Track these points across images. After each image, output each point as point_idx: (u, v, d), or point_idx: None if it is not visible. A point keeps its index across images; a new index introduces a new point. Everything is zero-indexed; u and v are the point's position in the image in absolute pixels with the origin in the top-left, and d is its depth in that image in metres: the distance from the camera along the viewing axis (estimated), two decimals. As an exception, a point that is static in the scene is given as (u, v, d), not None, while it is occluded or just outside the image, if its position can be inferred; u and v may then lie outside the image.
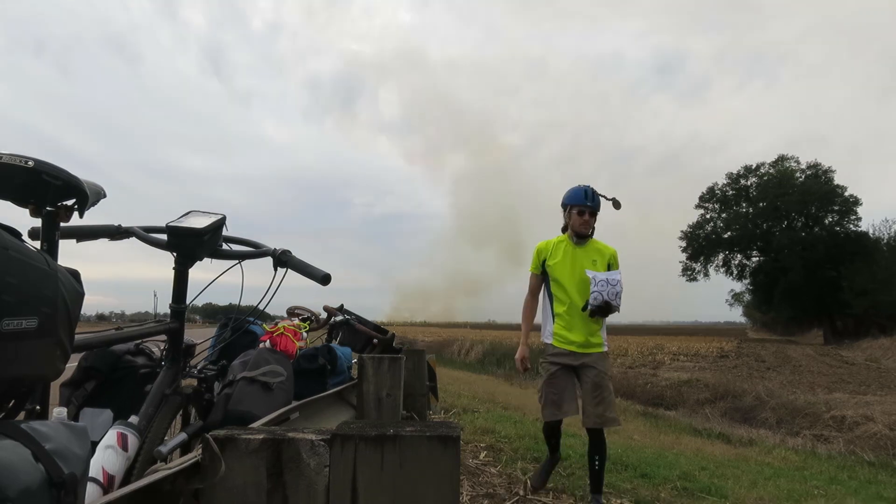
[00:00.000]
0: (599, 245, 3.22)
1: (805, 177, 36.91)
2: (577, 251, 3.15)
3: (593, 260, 3.13)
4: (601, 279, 2.99)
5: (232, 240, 1.62)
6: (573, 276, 3.11)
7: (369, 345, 2.72)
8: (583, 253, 3.15)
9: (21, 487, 0.56)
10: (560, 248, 3.20)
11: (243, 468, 0.84)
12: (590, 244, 3.18)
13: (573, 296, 3.09)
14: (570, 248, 3.16)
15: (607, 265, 3.17)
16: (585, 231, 3.13)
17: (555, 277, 3.17)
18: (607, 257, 3.18)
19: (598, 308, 2.99)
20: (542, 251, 3.25)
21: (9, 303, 0.64)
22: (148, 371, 1.46)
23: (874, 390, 13.09)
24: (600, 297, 2.97)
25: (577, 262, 3.13)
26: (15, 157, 0.93)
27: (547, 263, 3.21)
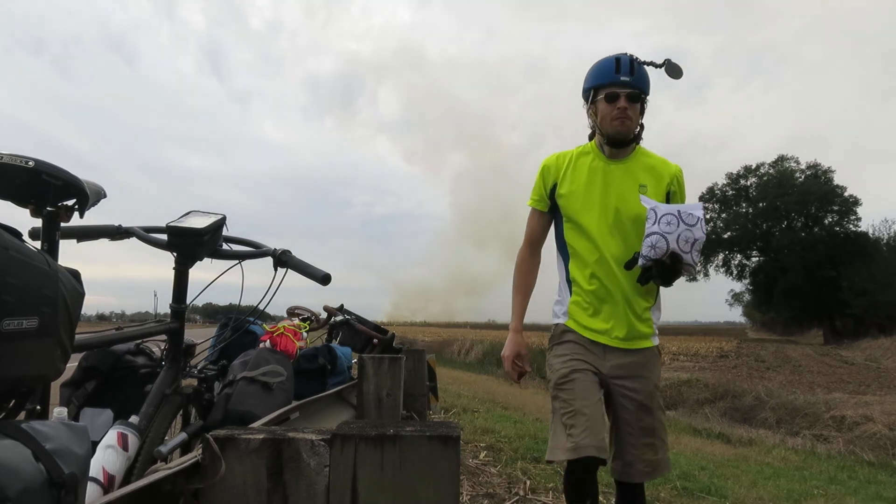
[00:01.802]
0: (653, 159, 1.87)
1: (805, 177, 36.93)
2: (613, 169, 1.81)
3: (642, 184, 1.80)
4: (668, 212, 1.67)
5: (232, 240, 1.62)
6: (605, 213, 1.79)
7: (369, 345, 2.72)
8: (623, 172, 1.81)
9: (21, 487, 0.56)
10: (582, 165, 1.85)
11: (243, 468, 0.84)
12: (635, 157, 1.85)
13: (606, 247, 1.78)
14: (601, 164, 1.83)
15: (666, 194, 1.83)
16: (626, 130, 1.77)
17: (572, 217, 1.83)
18: (667, 181, 1.83)
19: (657, 266, 1.68)
20: (551, 170, 1.89)
21: (9, 303, 0.64)
22: (148, 371, 1.46)
23: (874, 390, 13.09)
24: (664, 245, 1.64)
25: (614, 187, 1.80)
26: (15, 157, 0.93)
27: (559, 192, 1.86)
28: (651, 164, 1.85)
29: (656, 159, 1.88)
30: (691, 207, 1.69)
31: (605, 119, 1.77)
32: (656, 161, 1.87)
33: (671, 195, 1.85)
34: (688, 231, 1.64)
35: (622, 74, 1.75)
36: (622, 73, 1.75)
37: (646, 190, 1.79)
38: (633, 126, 1.78)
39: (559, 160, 1.89)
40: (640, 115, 1.81)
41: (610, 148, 1.82)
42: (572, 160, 1.87)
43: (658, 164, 1.86)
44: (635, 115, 1.78)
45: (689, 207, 1.69)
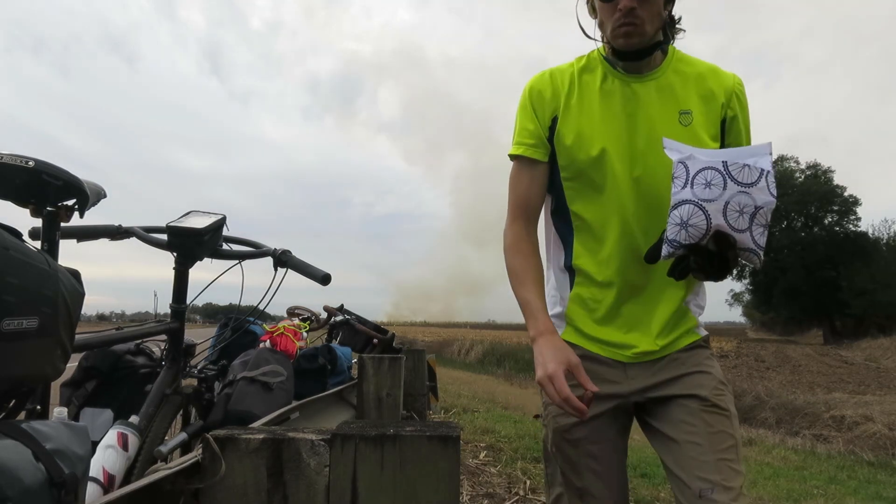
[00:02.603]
0: (697, 67, 1.23)
1: (804, 177, 36.96)
2: (637, 90, 1.20)
3: (684, 110, 1.19)
4: (708, 164, 1.02)
5: (232, 240, 1.62)
6: (632, 162, 1.18)
7: (369, 345, 2.72)
8: (653, 94, 1.20)
9: (21, 487, 0.56)
10: (589, 87, 1.24)
11: (243, 468, 0.85)
12: (669, 67, 1.22)
13: (633, 216, 1.19)
14: (617, 84, 1.21)
15: (721, 124, 1.21)
16: (637, 43, 1.16)
17: (582, 170, 1.21)
18: (722, 100, 1.20)
19: (695, 254, 1.04)
20: (546, 95, 1.25)
21: (9, 303, 0.64)
22: (148, 371, 1.46)
23: (873, 390, 13.10)
24: (702, 221, 1.00)
25: (641, 119, 1.19)
26: (15, 157, 0.93)
27: (560, 132, 1.22)
28: (696, 76, 1.19)
29: (703, 67, 1.21)
30: (750, 152, 1.01)
31: (606, 27, 1.16)
32: (703, 69, 1.20)
33: (729, 124, 1.19)
34: (743, 194, 0.96)
35: None
36: None
37: (690, 119, 1.15)
38: (648, 32, 1.12)
39: (555, 80, 1.23)
40: (668, 3, 1.16)
41: (624, 60, 1.18)
42: (574, 80, 1.22)
43: (706, 73, 1.19)
44: (651, 13, 1.11)
45: (744, 153, 1.01)
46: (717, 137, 1.20)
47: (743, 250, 1.02)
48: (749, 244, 1.01)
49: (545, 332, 1.12)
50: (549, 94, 1.24)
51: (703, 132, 1.18)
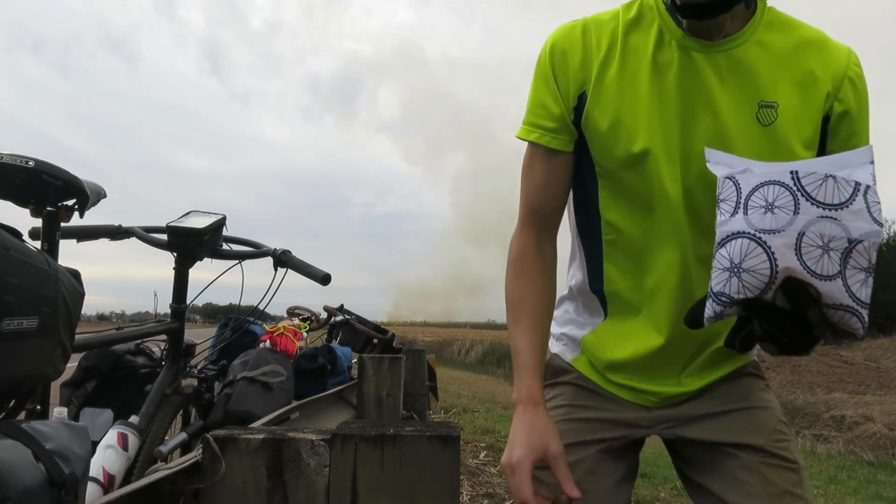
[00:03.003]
0: (800, 34, 0.83)
1: (804, 177, 37.01)
2: (703, 66, 0.81)
3: (765, 102, 0.80)
4: (769, 177, 0.67)
5: (232, 240, 1.62)
6: (687, 165, 0.83)
7: (369, 345, 2.72)
8: (726, 73, 0.81)
9: (22, 487, 0.56)
10: (638, 54, 0.85)
11: (243, 468, 0.85)
12: (753, 34, 0.82)
13: (689, 235, 0.85)
14: (677, 55, 0.82)
15: (823, 121, 0.81)
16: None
17: (619, 168, 0.86)
18: (827, 89, 0.80)
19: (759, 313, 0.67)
20: (575, 59, 0.87)
21: (9, 303, 0.64)
22: (148, 371, 1.47)
23: (873, 390, 13.11)
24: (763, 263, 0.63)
25: (705, 106, 0.82)
26: (15, 157, 0.93)
27: (589, 114, 0.86)
28: (790, 49, 0.82)
29: (804, 35, 0.83)
30: (837, 162, 0.70)
31: None
32: (803, 39, 0.83)
33: (835, 125, 0.82)
34: (827, 220, 0.64)
35: None
36: None
37: (773, 115, 0.80)
38: None
39: (588, 37, 0.87)
40: None
41: (690, 17, 0.79)
42: (616, 40, 0.86)
43: (807, 45, 0.82)
44: None
45: (829, 162, 0.70)
46: (812, 144, 0.80)
47: (833, 307, 0.63)
48: (842, 298, 0.62)
49: (528, 401, 0.85)
50: (578, 60, 0.87)
51: (793, 136, 0.79)
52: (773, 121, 0.81)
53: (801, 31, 0.85)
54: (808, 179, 0.65)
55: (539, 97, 0.91)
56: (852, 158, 0.70)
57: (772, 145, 0.81)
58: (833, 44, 0.84)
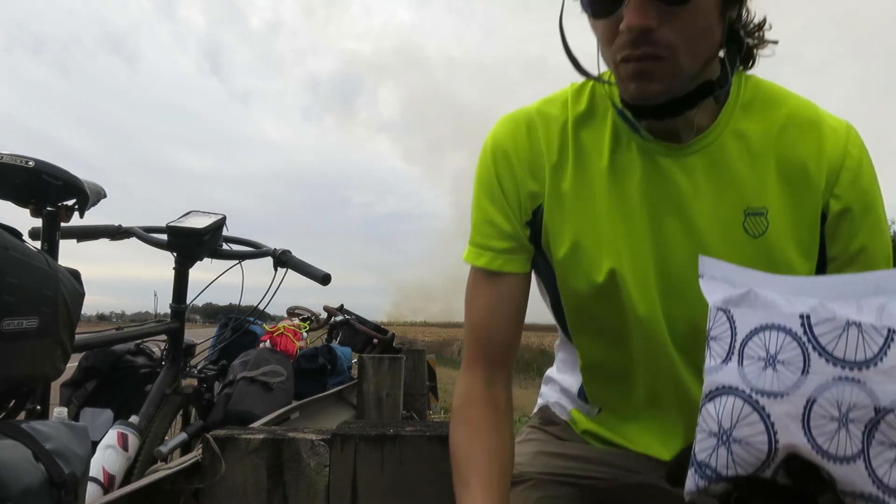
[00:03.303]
0: (783, 113, 0.67)
1: (804, 177, 37.05)
2: (670, 170, 0.67)
3: (752, 209, 0.66)
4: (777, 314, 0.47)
5: (232, 240, 1.62)
6: (665, 287, 0.70)
7: (369, 345, 2.72)
8: (698, 180, 0.67)
9: (22, 487, 0.56)
10: (592, 152, 0.71)
11: (243, 468, 0.85)
12: (729, 127, 0.67)
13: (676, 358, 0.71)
14: (635, 154, 0.69)
15: (820, 220, 0.66)
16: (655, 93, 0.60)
17: (575, 294, 0.74)
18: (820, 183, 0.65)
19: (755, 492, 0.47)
20: (517, 167, 0.73)
21: (9, 303, 0.64)
22: (148, 371, 1.47)
23: (873, 390, 13.14)
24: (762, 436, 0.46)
25: (676, 221, 0.68)
26: (15, 157, 0.93)
27: (545, 228, 0.73)
28: (775, 136, 0.67)
29: (788, 114, 0.68)
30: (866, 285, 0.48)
31: (608, 58, 0.65)
32: (788, 120, 0.68)
33: (833, 225, 0.67)
34: (847, 383, 0.45)
35: None
36: None
37: (764, 224, 0.67)
38: (683, 69, 0.60)
39: (536, 137, 0.74)
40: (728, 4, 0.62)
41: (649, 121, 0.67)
42: (567, 139, 0.73)
43: (794, 128, 0.68)
44: (687, 33, 0.58)
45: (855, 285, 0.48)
46: (811, 252, 0.67)
47: (851, 495, 0.48)
48: (862, 485, 0.47)
49: None
50: (526, 166, 0.73)
51: (788, 246, 0.66)
52: (765, 230, 0.66)
53: (787, 110, 0.68)
54: (822, 328, 0.47)
55: (484, 212, 0.75)
56: (886, 281, 0.48)
57: (764, 259, 0.65)
58: (827, 123, 0.67)
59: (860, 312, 0.45)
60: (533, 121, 0.74)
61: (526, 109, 0.76)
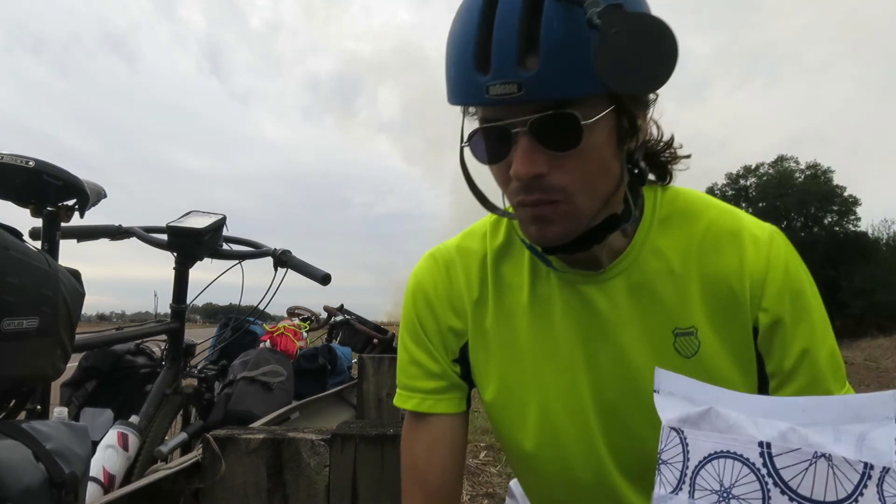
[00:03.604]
0: (702, 226, 0.64)
1: (804, 177, 36.99)
2: (592, 297, 0.66)
3: (680, 329, 0.63)
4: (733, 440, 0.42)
5: (232, 240, 1.62)
6: (601, 426, 0.67)
7: (369, 345, 2.72)
8: (621, 304, 0.65)
9: (22, 487, 0.56)
10: (512, 286, 0.70)
11: (243, 468, 0.85)
12: (646, 246, 0.65)
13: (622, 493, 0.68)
14: (554, 284, 0.68)
15: (752, 333, 0.62)
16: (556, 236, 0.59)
17: (505, 436, 0.73)
18: (745, 298, 0.62)
19: None
20: (439, 307, 0.73)
21: (10, 303, 0.64)
22: (148, 371, 1.47)
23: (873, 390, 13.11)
24: None
25: (604, 349, 0.66)
26: (16, 157, 0.93)
27: (473, 367, 0.73)
28: (696, 252, 0.65)
29: (707, 227, 0.65)
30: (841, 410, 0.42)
31: (511, 205, 0.62)
32: (707, 233, 0.65)
33: (766, 339, 0.62)
34: None
35: (495, 76, 0.52)
36: (495, 72, 0.52)
37: (695, 344, 0.64)
38: (581, 211, 0.58)
39: (455, 274, 0.74)
40: (625, 137, 0.59)
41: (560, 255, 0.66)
42: (487, 274, 0.72)
43: (714, 242, 0.64)
44: (583, 175, 0.56)
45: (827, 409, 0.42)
46: (749, 368, 0.64)
47: None
48: None
49: None
50: (447, 305, 0.73)
51: (724, 364, 0.63)
52: (697, 350, 0.63)
53: (705, 222, 0.65)
54: (785, 460, 0.41)
55: (410, 353, 0.74)
56: (867, 408, 0.42)
57: (702, 379, 0.54)
58: (748, 233, 0.64)
59: (837, 442, 0.40)
60: (452, 258, 0.74)
61: (446, 246, 0.76)
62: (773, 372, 0.63)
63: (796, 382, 0.61)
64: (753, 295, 0.62)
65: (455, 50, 0.56)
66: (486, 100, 0.53)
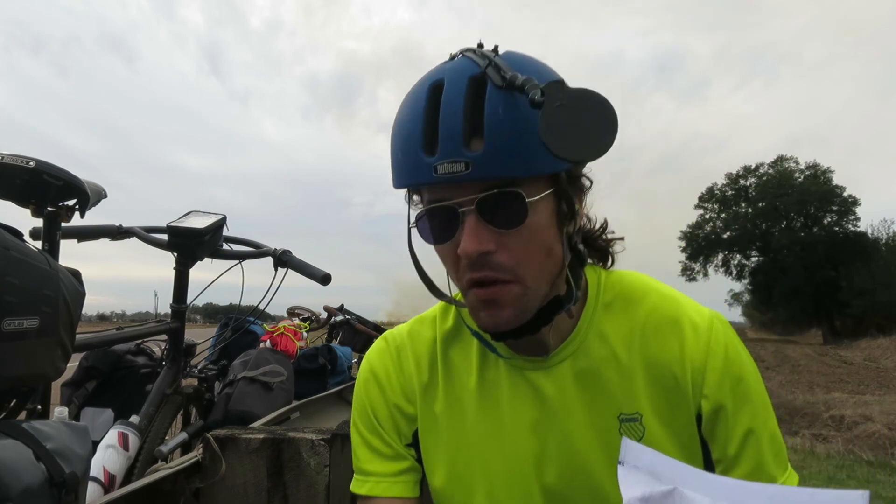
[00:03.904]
0: (645, 310, 0.66)
1: (804, 177, 36.99)
2: (538, 383, 0.67)
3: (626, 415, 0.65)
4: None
5: (232, 240, 1.62)
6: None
7: (369, 345, 2.72)
8: (568, 390, 0.66)
9: (22, 487, 0.56)
10: (460, 372, 0.72)
11: (244, 468, 0.85)
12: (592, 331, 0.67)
13: None
14: (502, 370, 0.69)
15: (696, 420, 0.64)
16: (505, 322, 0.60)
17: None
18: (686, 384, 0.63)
19: None
20: (391, 394, 0.74)
21: (10, 303, 0.64)
22: (149, 371, 1.47)
23: (872, 390, 13.11)
24: None
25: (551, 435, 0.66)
26: (16, 157, 0.93)
27: (424, 454, 0.73)
28: (640, 337, 0.66)
29: (650, 311, 0.67)
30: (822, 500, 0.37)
31: (459, 289, 0.64)
32: (651, 319, 0.66)
33: (709, 425, 0.64)
34: None
35: (442, 155, 0.55)
36: (442, 152, 0.55)
37: (640, 430, 0.65)
38: (531, 292, 0.60)
39: (405, 360, 0.75)
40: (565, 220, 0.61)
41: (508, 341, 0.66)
42: (437, 359, 0.73)
43: (656, 328, 0.66)
44: (529, 254, 0.59)
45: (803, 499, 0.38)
46: (696, 456, 0.65)
47: None
48: None
49: None
50: (398, 391, 0.73)
51: (671, 450, 0.64)
52: (642, 435, 0.64)
53: (646, 308, 0.66)
54: None
55: (363, 438, 0.73)
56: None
57: None
58: (687, 320, 0.64)
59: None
60: (403, 343, 0.75)
61: (399, 330, 0.77)
62: (719, 458, 0.63)
63: (741, 468, 0.62)
64: (695, 382, 0.63)
65: (402, 134, 0.59)
66: (435, 178, 0.55)
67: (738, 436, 0.62)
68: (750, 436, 0.62)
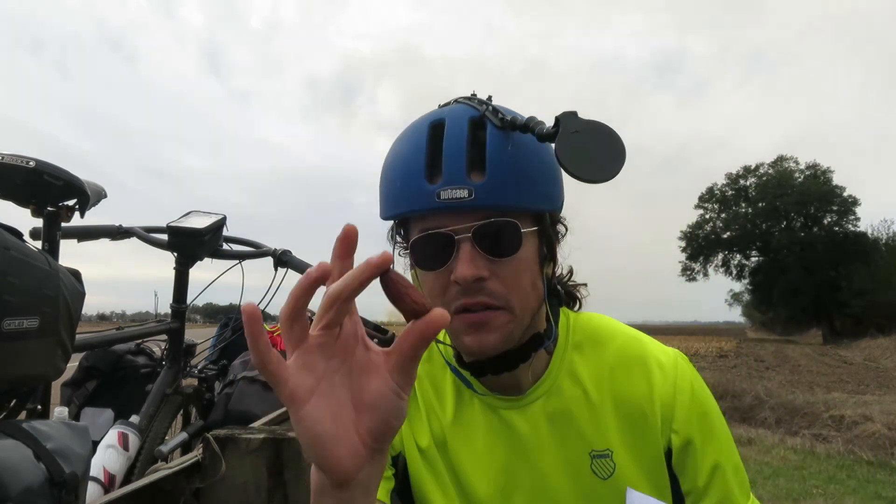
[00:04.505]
0: (613, 351, 0.70)
1: (804, 177, 36.98)
2: (513, 422, 0.69)
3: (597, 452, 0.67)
4: None
5: (232, 240, 1.62)
6: None
7: (369, 344, 2.72)
8: (541, 430, 0.68)
9: (22, 487, 0.56)
10: (439, 419, 0.73)
11: (244, 467, 0.85)
12: (563, 370, 0.69)
13: None
14: (477, 408, 0.71)
15: (666, 457, 0.66)
16: (493, 346, 0.62)
17: None
18: (656, 421, 0.66)
19: None
20: None
21: (11, 303, 0.64)
22: (149, 371, 1.47)
23: (872, 390, 13.11)
24: None
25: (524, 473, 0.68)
26: (16, 157, 0.93)
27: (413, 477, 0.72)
28: (608, 375, 0.69)
29: (620, 349, 0.70)
30: None
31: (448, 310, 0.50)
32: (620, 358, 0.69)
33: (679, 461, 0.66)
34: None
35: (446, 182, 0.59)
36: (447, 179, 0.59)
37: (611, 467, 0.67)
38: (516, 319, 0.63)
39: None
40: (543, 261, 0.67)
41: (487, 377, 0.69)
42: (416, 397, 0.75)
43: (627, 365, 0.69)
44: (517, 283, 0.62)
45: None
46: (665, 491, 0.66)
47: None
48: None
49: None
50: None
51: (641, 485, 0.65)
52: (613, 471, 0.66)
53: (614, 348, 0.69)
54: None
55: None
56: None
57: (618, 500, 0.64)
58: (653, 359, 0.68)
59: None
60: None
61: None
62: (689, 490, 0.66)
63: (710, 498, 0.65)
64: (664, 418, 0.66)
65: (402, 164, 0.62)
66: (437, 204, 0.59)
67: (707, 468, 0.65)
68: (717, 469, 0.65)
